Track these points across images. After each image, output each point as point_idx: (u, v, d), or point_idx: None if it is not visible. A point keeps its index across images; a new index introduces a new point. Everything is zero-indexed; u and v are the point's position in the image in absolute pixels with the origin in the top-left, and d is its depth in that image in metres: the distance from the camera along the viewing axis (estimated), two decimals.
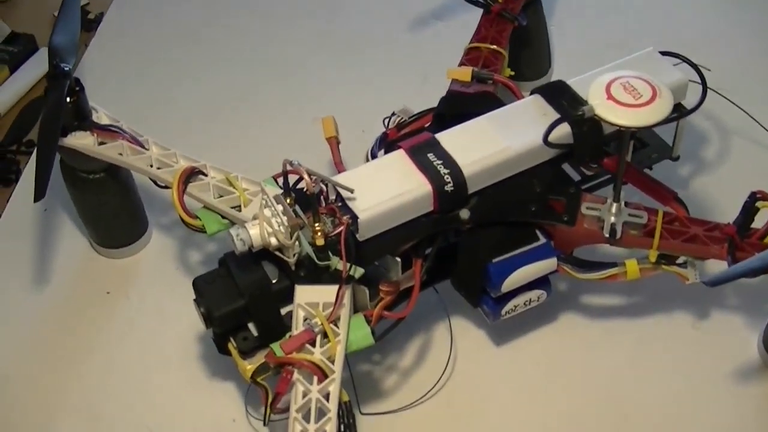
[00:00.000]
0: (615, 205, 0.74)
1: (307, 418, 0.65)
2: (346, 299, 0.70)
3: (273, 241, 0.69)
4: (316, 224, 0.69)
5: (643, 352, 0.83)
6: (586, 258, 0.78)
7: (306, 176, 0.68)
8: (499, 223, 0.76)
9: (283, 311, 0.72)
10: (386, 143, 0.84)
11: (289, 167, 0.69)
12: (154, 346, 0.86)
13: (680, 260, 0.76)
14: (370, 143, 0.85)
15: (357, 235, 0.72)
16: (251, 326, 0.73)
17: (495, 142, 0.76)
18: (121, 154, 0.82)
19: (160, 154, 0.82)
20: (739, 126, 0.97)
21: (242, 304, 0.71)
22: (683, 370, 0.82)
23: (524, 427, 0.79)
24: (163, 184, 0.82)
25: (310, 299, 0.70)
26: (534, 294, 0.78)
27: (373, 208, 0.72)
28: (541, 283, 0.78)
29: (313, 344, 0.68)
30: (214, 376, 0.83)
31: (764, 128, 0.92)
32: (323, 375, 0.66)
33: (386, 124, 0.86)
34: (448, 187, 0.73)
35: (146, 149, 0.82)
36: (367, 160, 0.82)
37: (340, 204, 0.72)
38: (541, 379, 0.82)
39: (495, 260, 0.75)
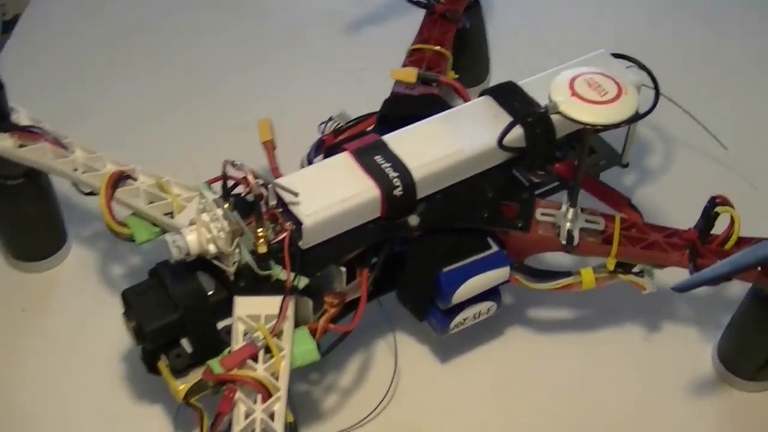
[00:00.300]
0: (571, 210, 0.71)
1: None
2: (290, 311, 0.65)
3: (211, 248, 0.64)
4: (259, 230, 0.64)
5: (594, 366, 0.80)
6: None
7: (251, 177, 0.63)
8: (449, 230, 0.72)
9: (220, 326, 0.67)
10: (324, 149, 0.79)
11: (229, 168, 0.64)
12: (73, 367, 0.80)
13: (636, 269, 0.73)
14: (305, 150, 0.80)
15: (300, 243, 0.67)
16: (184, 342, 0.67)
17: (446, 145, 0.72)
18: (43, 158, 0.76)
19: (86, 158, 0.76)
20: (686, 132, 0.95)
21: (176, 318, 0.65)
22: (636, 384, 0.78)
23: None
24: (87, 190, 0.75)
25: (251, 311, 0.65)
26: (484, 306, 0.74)
27: (318, 213, 0.67)
28: (492, 294, 0.74)
29: (255, 360, 0.62)
30: (140, 399, 0.77)
31: (711, 134, 0.90)
32: (267, 393, 0.61)
33: (322, 129, 0.81)
34: (397, 192, 0.69)
35: (71, 152, 0.76)
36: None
37: (281, 209, 0.67)
38: (489, 395, 0.78)
39: (445, 269, 0.71)
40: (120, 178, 0.73)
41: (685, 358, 0.80)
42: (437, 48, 0.86)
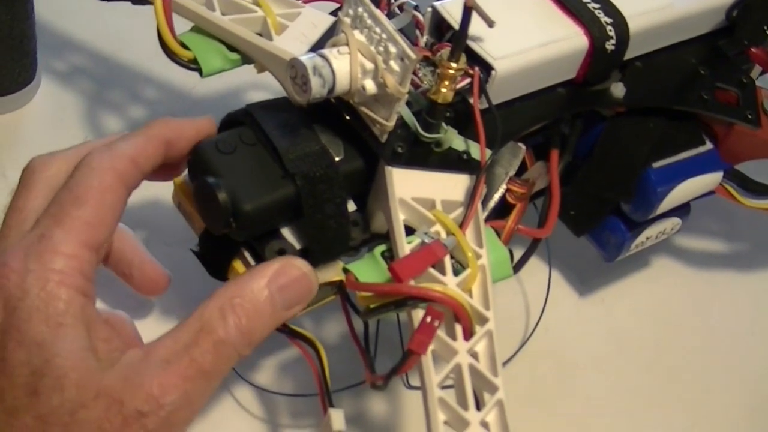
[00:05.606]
0: None
1: (462, 400, 0.36)
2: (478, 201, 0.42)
3: (368, 84, 0.40)
4: (451, 65, 0.41)
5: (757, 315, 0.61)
6: None
7: None
8: (656, 113, 0.51)
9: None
10: None
11: None
12: None
13: None
14: None
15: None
16: (287, 233, 0.43)
17: None
18: None
19: None
20: None
21: (291, 193, 0.41)
22: None
23: (623, 392, 0.56)
24: None
25: (419, 192, 0.41)
26: (670, 223, 0.54)
27: (513, 58, 0.44)
28: (683, 207, 0.54)
29: (438, 269, 0.39)
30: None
31: None
32: (470, 324, 0.38)
33: None
34: (609, 45, 0.47)
35: None
36: None
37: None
38: (637, 337, 0.58)
39: (656, 165, 0.50)
40: None
41: None
42: None
